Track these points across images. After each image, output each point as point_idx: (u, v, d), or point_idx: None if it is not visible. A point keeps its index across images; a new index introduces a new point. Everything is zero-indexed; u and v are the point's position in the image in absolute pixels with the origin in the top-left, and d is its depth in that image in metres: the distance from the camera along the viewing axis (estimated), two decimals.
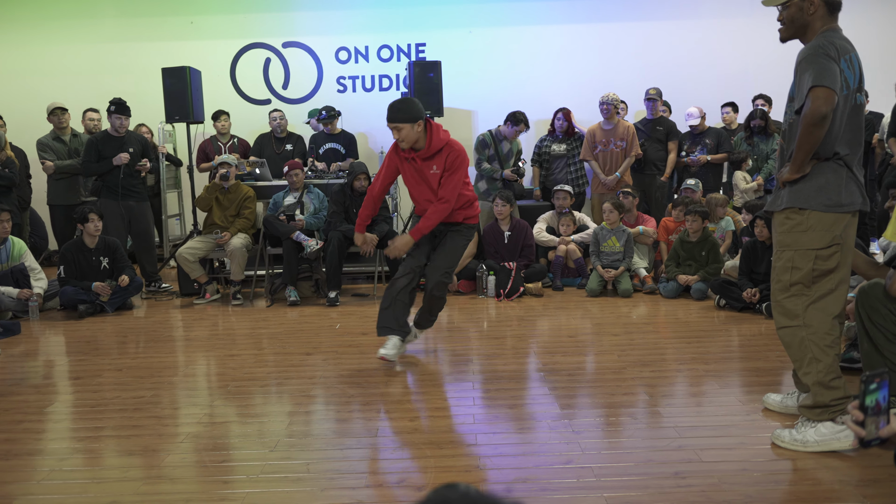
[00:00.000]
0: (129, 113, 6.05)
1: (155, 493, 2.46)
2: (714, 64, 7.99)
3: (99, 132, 6.01)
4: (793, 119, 2.64)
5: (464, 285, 5.89)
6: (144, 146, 6.21)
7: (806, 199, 2.59)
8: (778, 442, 2.70)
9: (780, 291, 2.70)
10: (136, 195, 6.09)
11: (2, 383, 3.80)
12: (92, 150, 5.95)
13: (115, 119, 5.93)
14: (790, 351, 2.72)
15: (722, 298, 5.11)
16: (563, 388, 3.46)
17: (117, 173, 5.93)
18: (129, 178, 5.98)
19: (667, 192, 7.01)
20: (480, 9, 8.11)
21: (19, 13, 8.15)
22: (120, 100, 5.98)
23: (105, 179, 5.98)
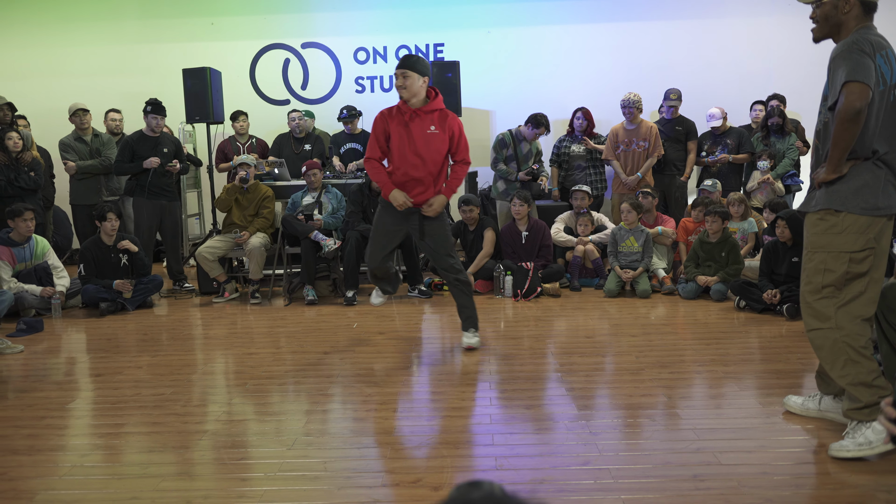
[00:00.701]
0: (165, 113, 6.12)
1: (174, 490, 2.48)
2: (735, 63, 7.90)
3: (135, 132, 6.10)
4: (827, 118, 2.59)
5: (481, 285, 5.89)
6: (178, 147, 6.28)
7: (842, 201, 2.54)
8: (842, 454, 2.56)
9: (812, 293, 2.65)
10: (168, 195, 6.16)
11: (25, 380, 3.86)
12: (126, 150, 6.03)
13: (152, 119, 6.00)
14: (821, 353, 2.67)
15: (742, 300, 5.06)
16: (580, 388, 3.45)
17: (149, 172, 6.00)
18: (161, 178, 6.06)
19: (685, 193, 6.95)
20: (499, 9, 8.09)
21: (43, 15, 8.27)
22: (156, 100, 6.05)
23: (139, 178, 6.06)
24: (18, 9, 8.27)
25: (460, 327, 4.23)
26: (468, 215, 5.99)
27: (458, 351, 4.22)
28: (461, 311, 4.18)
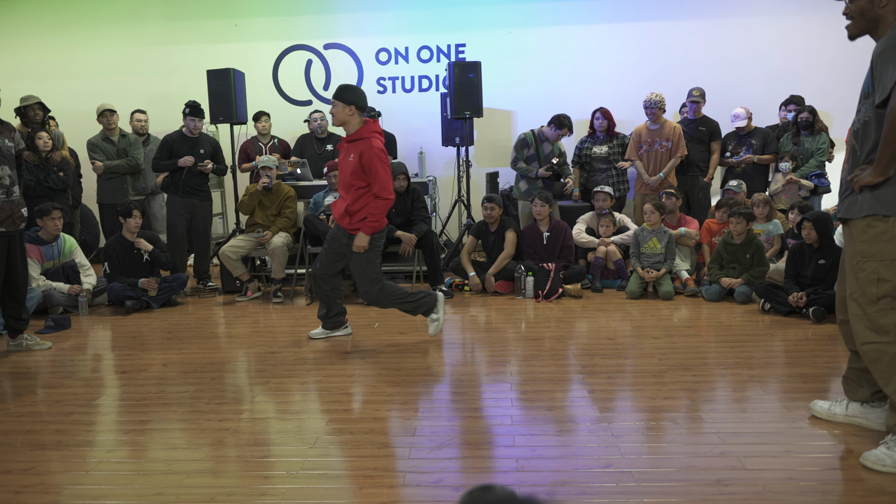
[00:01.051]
0: (203, 115, 6.20)
1: (198, 487, 2.51)
2: (760, 63, 7.81)
3: (175, 132, 6.18)
4: (868, 116, 2.48)
5: (502, 286, 5.88)
6: (215, 149, 6.35)
7: (891, 206, 2.44)
8: (877, 468, 2.48)
9: (868, 304, 2.54)
10: (201, 194, 6.24)
11: (53, 376, 3.92)
12: (164, 148, 6.12)
13: (190, 121, 6.08)
14: (876, 367, 2.54)
15: (767, 302, 5.00)
16: (602, 390, 3.43)
17: (184, 171, 6.08)
18: (195, 178, 6.13)
19: (709, 194, 6.88)
20: (521, 9, 8.07)
21: (70, 17, 8.40)
22: (195, 102, 6.13)
23: (174, 176, 6.14)
24: (46, 11, 8.41)
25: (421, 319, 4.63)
26: (490, 213, 5.98)
27: (479, 351, 4.22)
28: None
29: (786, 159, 6.35)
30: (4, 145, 4.04)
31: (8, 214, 4.07)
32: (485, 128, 8.06)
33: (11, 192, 4.08)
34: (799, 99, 6.90)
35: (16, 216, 4.12)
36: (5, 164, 4.04)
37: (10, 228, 4.10)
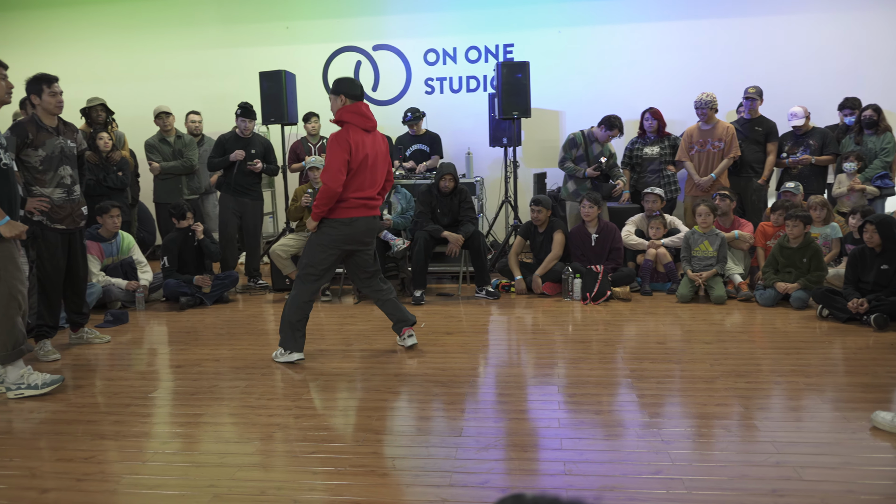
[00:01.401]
0: (255, 116, 6.33)
1: (249, 480, 2.56)
2: (819, 61, 7.55)
3: (228, 132, 6.34)
4: None
5: (549, 288, 5.83)
6: (267, 149, 6.49)
7: None
8: None
9: None
10: (252, 194, 6.37)
11: (111, 368, 4.06)
12: (219, 148, 6.29)
13: (241, 122, 6.22)
14: None
15: (825, 308, 4.84)
16: (651, 395, 3.37)
17: (234, 169, 6.23)
18: (246, 177, 6.26)
19: (764, 196, 6.69)
20: (570, 8, 8.00)
21: (131, 21, 8.68)
22: (247, 104, 6.27)
23: (226, 176, 6.29)
24: (108, 16, 8.71)
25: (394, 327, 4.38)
26: (537, 216, 5.95)
27: (525, 353, 4.19)
28: None
29: (851, 159, 6.08)
30: (67, 146, 4.20)
31: (69, 213, 4.22)
32: (533, 128, 8.02)
33: (73, 192, 4.24)
34: (854, 101, 6.62)
35: (76, 214, 4.27)
36: (67, 164, 4.19)
37: (71, 226, 4.25)
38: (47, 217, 4.13)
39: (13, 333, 3.55)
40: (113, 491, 2.50)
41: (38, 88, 4.02)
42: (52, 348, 4.30)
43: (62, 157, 4.16)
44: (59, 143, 4.14)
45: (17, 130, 4.00)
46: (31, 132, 4.03)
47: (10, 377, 3.57)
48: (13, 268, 3.54)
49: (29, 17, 8.84)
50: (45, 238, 4.16)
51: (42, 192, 4.11)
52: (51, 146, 4.10)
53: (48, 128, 4.11)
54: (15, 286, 3.53)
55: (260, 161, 6.32)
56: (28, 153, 4.04)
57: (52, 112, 4.10)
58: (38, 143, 4.05)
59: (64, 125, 4.25)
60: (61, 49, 8.75)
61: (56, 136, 4.14)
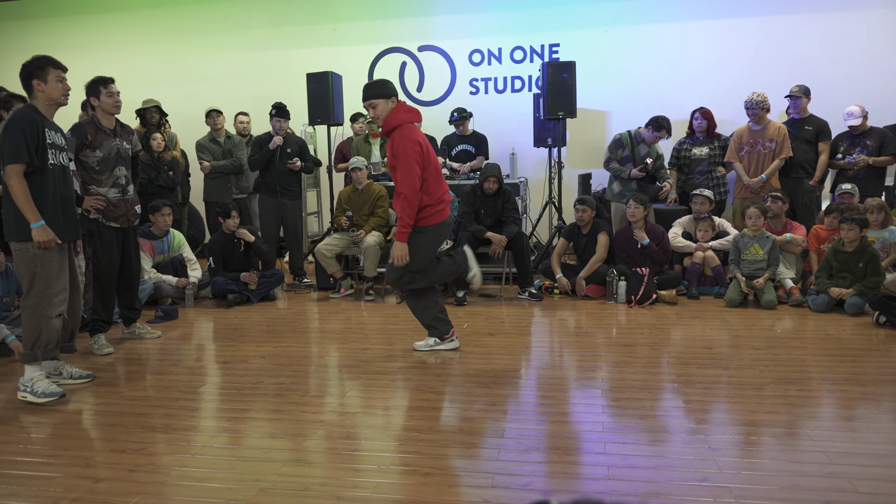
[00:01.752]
0: (289, 116, 6.43)
1: (294, 476, 2.60)
2: (877, 59, 7.30)
3: (263, 133, 6.45)
4: None
5: (593, 290, 5.77)
6: (302, 148, 6.59)
7: None
8: None
9: None
10: (291, 193, 6.47)
11: (161, 363, 4.17)
12: (256, 147, 6.41)
13: (276, 122, 6.33)
14: None
15: (882, 315, 4.67)
16: (698, 401, 3.30)
17: (274, 172, 6.33)
18: (285, 177, 6.37)
19: (815, 198, 6.49)
20: (617, 7, 7.90)
21: (183, 24, 8.91)
22: (281, 104, 6.38)
23: (264, 177, 6.40)
24: (161, 20, 8.96)
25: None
26: (582, 216, 5.88)
27: (567, 355, 4.16)
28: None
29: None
30: (123, 147, 4.34)
31: (123, 212, 4.35)
32: (578, 129, 7.95)
33: (127, 192, 4.37)
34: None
35: (130, 214, 4.41)
36: (122, 164, 4.33)
37: (125, 225, 4.38)
38: (103, 215, 4.27)
39: (41, 334, 3.50)
40: (162, 482, 2.57)
41: (96, 90, 4.16)
42: (105, 342, 4.44)
43: (118, 159, 4.30)
44: (116, 144, 4.28)
45: (77, 132, 4.15)
46: (90, 133, 4.18)
47: (25, 376, 3.53)
48: (53, 267, 3.52)
49: (85, 22, 9.16)
50: (100, 235, 4.30)
51: (98, 191, 4.25)
52: (108, 147, 4.23)
53: (106, 129, 4.24)
54: (51, 286, 3.51)
55: (298, 159, 6.40)
56: (86, 154, 4.19)
57: (111, 112, 4.23)
58: (96, 145, 4.20)
59: (121, 127, 4.38)
60: (116, 53, 9.04)
61: (113, 137, 4.27)
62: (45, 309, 3.51)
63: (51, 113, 3.63)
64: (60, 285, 3.58)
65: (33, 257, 3.48)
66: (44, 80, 3.54)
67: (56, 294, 3.55)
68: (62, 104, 3.68)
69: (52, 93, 3.57)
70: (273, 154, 6.29)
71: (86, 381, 3.78)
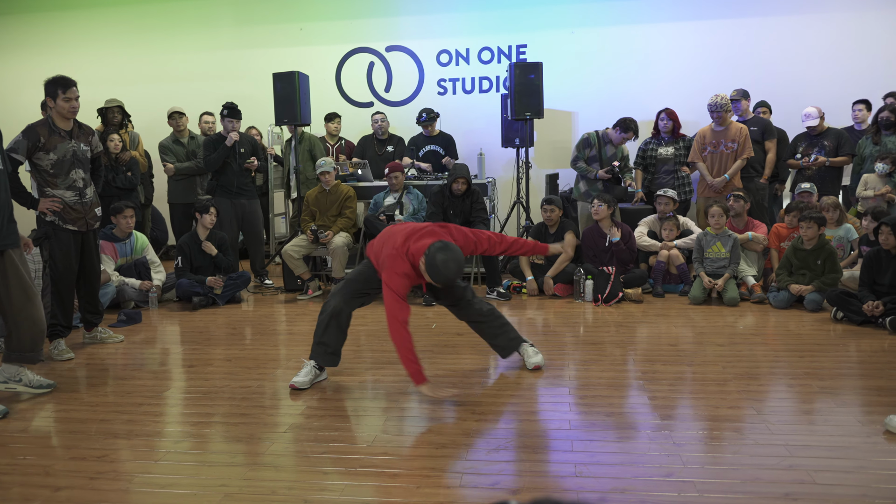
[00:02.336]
0: (241, 116, 6.36)
1: (260, 480, 2.57)
2: (834, 61, 7.49)
3: (213, 134, 6.36)
4: None
5: (560, 289, 5.82)
6: (254, 147, 6.51)
7: None
8: None
9: None
10: (248, 193, 6.40)
11: (124, 368, 4.09)
12: (209, 147, 6.32)
13: (228, 122, 6.25)
14: None
15: (839, 311, 4.79)
16: (663, 397, 3.35)
17: (230, 172, 6.24)
18: (241, 178, 6.29)
19: (767, 195, 6.64)
20: (583, 9, 7.98)
21: (146, 23, 8.76)
22: (232, 104, 6.30)
23: (219, 179, 6.30)
24: (124, 18, 8.79)
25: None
26: (549, 215, 5.93)
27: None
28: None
29: (886, 161, 5.84)
30: (80, 149, 4.22)
31: (81, 214, 4.25)
32: (545, 129, 8.00)
33: (84, 194, 4.26)
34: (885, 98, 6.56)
35: (89, 217, 4.30)
36: (79, 167, 4.21)
37: (83, 228, 4.27)
38: (59, 217, 4.17)
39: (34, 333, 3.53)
40: (125, 490, 2.52)
41: (53, 92, 4.04)
42: (65, 347, 4.34)
43: (74, 161, 4.18)
44: (72, 146, 4.16)
45: (28, 134, 4.03)
46: (42, 136, 4.05)
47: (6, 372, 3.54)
48: (27, 270, 3.55)
49: (46, 20, 8.93)
50: (57, 238, 4.19)
51: (54, 193, 4.14)
52: (62, 150, 4.12)
53: (61, 132, 4.13)
54: (31, 289, 3.54)
55: (255, 158, 6.33)
56: (39, 156, 4.07)
57: (65, 116, 4.12)
58: (50, 147, 4.08)
59: (79, 128, 4.26)
60: (79, 51, 8.83)
61: (69, 139, 4.16)
62: (31, 310, 3.48)
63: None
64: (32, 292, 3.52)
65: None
66: None
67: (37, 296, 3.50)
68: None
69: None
70: (229, 154, 6.22)
71: (46, 391, 3.67)
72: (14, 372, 3.64)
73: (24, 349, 3.62)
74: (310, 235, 5.93)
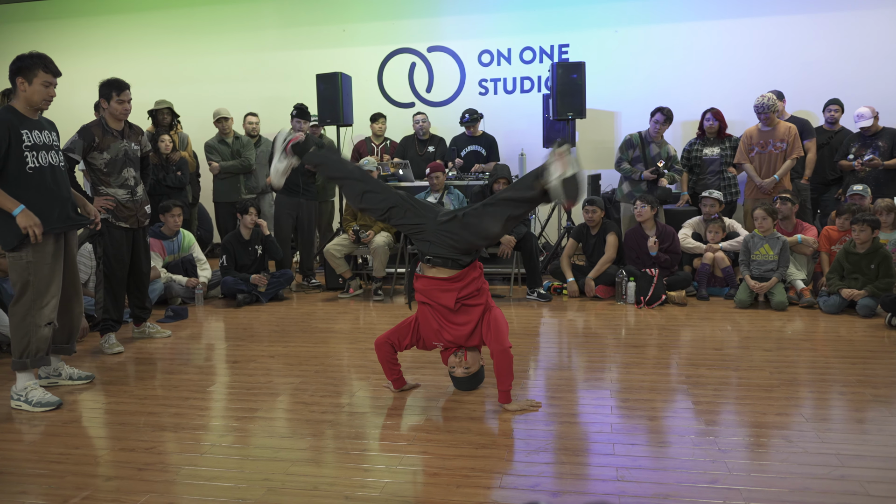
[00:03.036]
0: (310, 117, 6.48)
1: (302, 475, 2.60)
2: (890, 58, 7.24)
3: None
4: None
5: (602, 291, 5.75)
6: None
7: None
8: None
9: None
10: (309, 193, 6.50)
11: (171, 363, 4.19)
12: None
13: (296, 123, 6.37)
14: None
15: (894, 317, 4.63)
16: (707, 402, 3.28)
17: (295, 171, 6.34)
18: (301, 177, 6.40)
19: (808, 196, 6.46)
20: (627, 7, 7.88)
21: (194, 25, 8.95)
22: (302, 105, 6.43)
23: None
24: (173, 21, 9.00)
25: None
26: (591, 216, 5.87)
27: (576, 356, 4.14)
28: None
29: None
30: (130, 149, 4.35)
31: (133, 212, 4.38)
32: (587, 129, 7.92)
33: (135, 192, 4.38)
34: None
35: (139, 214, 4.43)
36: (131, 166, 4.35)
37: (134, 225, 4.41)
38: (112, 215, 4.30)
39: (29, 342, 3.42)
40: (172, 481, 2.58)
41: (108, 94, 4.17)
42: (116, 341, 4.46)
43: (126, 160, 4.31)
44: (124, 146, 4.29)
45: (84, 134, 4.17)
46: (97, 136, 4.19)
47: (18, 385, 3.45)
48: (44, 275, 3.43)
49: (97, 24, 9.21)
50: (110, 235, 4.32)
51: (107, 191, 4.27)
52: (115, 150, 4.25)
53: (114, 132, 4.26)
54: (43, 296, 3.42)
55: None
56: (94, 156, 4.21)
57: (118, 118, 4.25)
58: (104, 147, 4.21)
59: (130, 128, 4.39)
60: (128, 54, 9.08)
61: (121, 139, 4.29)
62: (34, 318, 3.41)
63: (33, 114, 3.45)
64: (52, 293, 3.47)
65: (26, 265, 3.38)
66: (28, 81, 3.36)
67: (47, 303, 3.44)
68: (42, 109, 3.48)
69: (34, 96, 3.39)
70: None
71: (85, 382, 3.77)
72: (53, 367, 3.74)
73: (61, 340, 3.74)
74: (351, 235, 5.98)
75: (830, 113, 6.71)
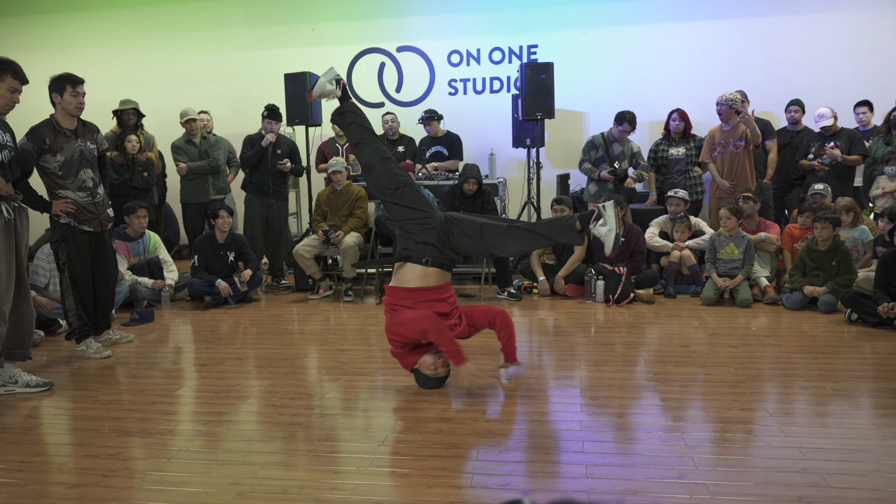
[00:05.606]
0: (280, 118, 6.44)
1: (272, 479, 2.58)
2: (849, 61, 7.42)
3: (254, 133, 6.48)
4: None
5: (572, 289, 5.80)
6: (292, 150, 6.58)
7: None
8: None
9: None
10: (279, 194, 6.46)
11: (138, 367, 4.12)
12: (247, 146, 6.43)
13: (267, 123, 6.33)
14: None
15: (854, 312, 4.75)
16: (675, 399, 3.33)
17: (264, 172, 6.33)
18: (272, 177, 6.35)
19: (771, 195, 6.59)
20: (595, 9, 7.95)
21: (159, 24, 8.80)
22: (273, 106, 6.39)
23: (252, 177, 6.39)
24: (137, 20, 8.84)
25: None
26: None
27: (546, 355, 4.17)
28: None
29: (893, 162, 5.85)
30: (86, 148, 4.14)
31: (95, 216, 4.20)
32: (556, 129, 7.98)
33: (96, 194, 4.20)
34: (883, 102, 6.52)
35: (102, 217, 4.25)
36: (88, 166, 4.13)
37: (97, 228, 4.23)
38: (74, 219, 4.11)
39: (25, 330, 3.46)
40: (138, 487, 2.53)
41: (61, 87, 3.95)
42: (99, 345, 4.33)
43: (82, 161, 4.09)
44: (79, 146, 4.08)
45: (33, 136, 3.94)
46: (48, 137, 3.96)
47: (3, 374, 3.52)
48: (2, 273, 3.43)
49: (62, 21, 9.00)
50: (74, 240, 4.15)
51: (65, 194, 4.07)
52: (70, 150, 4.03)
53: (66, 131, 4.04)
54: (27, 286, 3.48)
55: (288, 161, 6.39)
56: (46, 159, 3.98)
57: (71, 113, 4.03)
58: (56, 149, 3.99)
59: (83, 126, 4.17)
60: (93, 52, 8.89)
61: (75, 139, 4.07)
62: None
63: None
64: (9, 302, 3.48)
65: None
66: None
67: (5, 301, 3.44)
68: (2, 113, 3.49)
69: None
70: (264, 154, 6.30)
71: (43, 389, 3.66)
72: (9, 374, 3.63)
73: (13, 346, 3.65)
74: (321, 235, 5.95)
75: (791, 113, 6.87)
